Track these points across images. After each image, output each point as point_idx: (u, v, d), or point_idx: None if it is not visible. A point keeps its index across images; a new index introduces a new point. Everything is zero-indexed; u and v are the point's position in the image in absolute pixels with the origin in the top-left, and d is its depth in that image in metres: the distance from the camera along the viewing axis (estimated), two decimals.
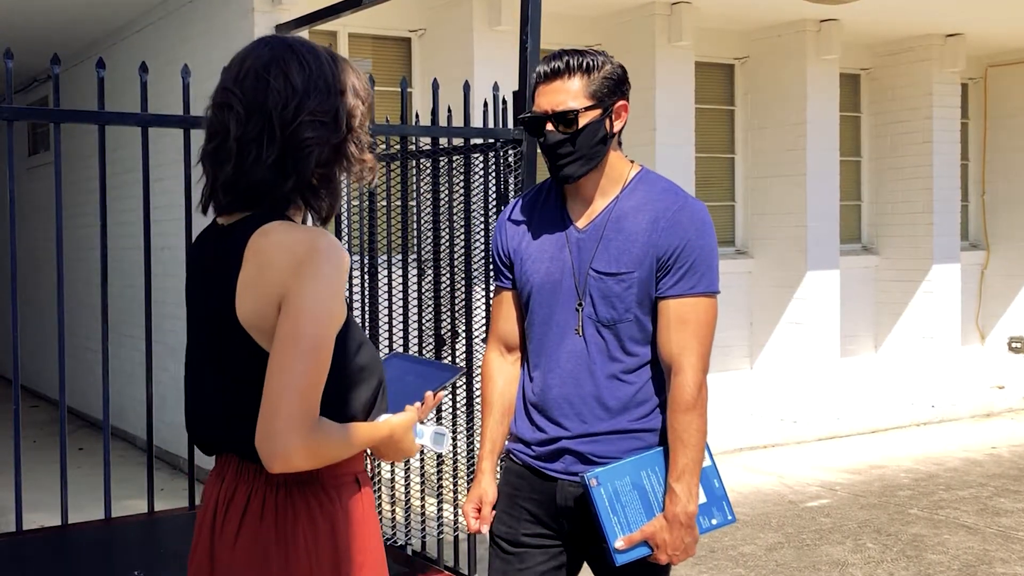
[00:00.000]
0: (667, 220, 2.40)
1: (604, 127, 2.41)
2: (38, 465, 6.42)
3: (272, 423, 1.67)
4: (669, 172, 7.96)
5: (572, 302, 2.45)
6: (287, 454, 1.68)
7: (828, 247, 8.98)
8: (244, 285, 1.76)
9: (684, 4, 8.01)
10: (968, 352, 10.53)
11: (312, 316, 1.70)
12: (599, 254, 2.42)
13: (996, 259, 11.11)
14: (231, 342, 1.78)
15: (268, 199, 1.81)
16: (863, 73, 10.14)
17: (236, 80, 1.84)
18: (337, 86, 1.85)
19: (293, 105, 1.80)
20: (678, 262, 2.38)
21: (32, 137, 11.10)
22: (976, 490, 6.77)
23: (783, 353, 9.09)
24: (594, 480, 2.35)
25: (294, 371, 1.68)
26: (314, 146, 1.81)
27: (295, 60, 1.84)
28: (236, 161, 1.81)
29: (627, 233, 2.41)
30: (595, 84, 2.39)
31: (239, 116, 1.82)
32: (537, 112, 2.43)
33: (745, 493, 6.74)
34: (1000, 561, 5.32)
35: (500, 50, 7.06)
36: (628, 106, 2.47)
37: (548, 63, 2.42)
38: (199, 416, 1.91)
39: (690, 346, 2.37)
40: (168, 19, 7.51)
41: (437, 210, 4.11)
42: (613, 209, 2.45)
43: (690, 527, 2.38)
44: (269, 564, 1.79)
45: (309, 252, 1.72)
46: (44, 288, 9.84)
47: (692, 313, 2.38)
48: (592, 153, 2.41)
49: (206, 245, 1.91)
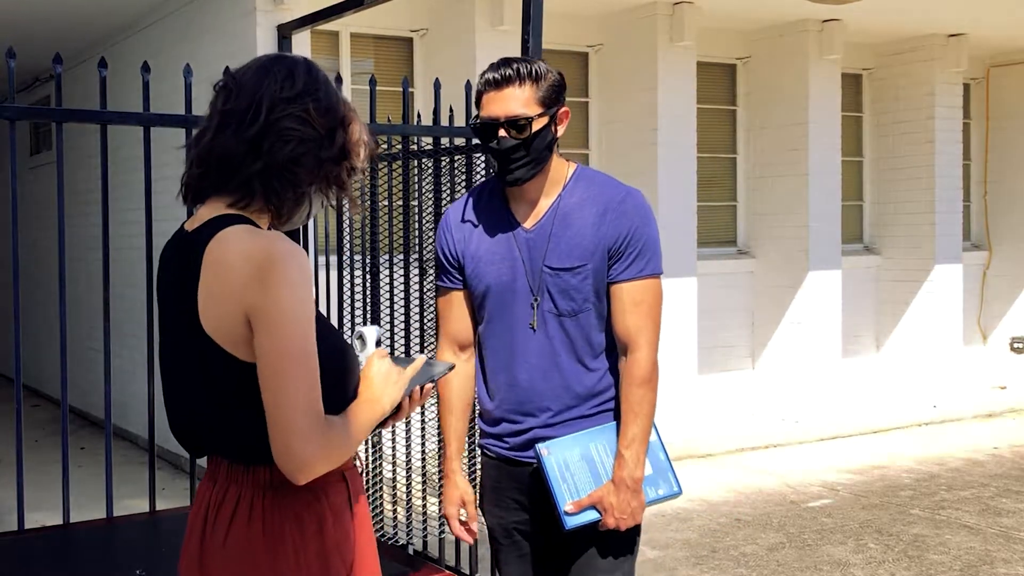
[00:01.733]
0: (614, 211, 2.54)
1: (551, 132, 2.54)
2: (40, 464, 6.43)
3: (286, 440, 1.69)
4: (671, 172, 7.99)
5: (528, 299, 2.57)
6: (308, 466, 1.70)
7: (830, 247, 8.98)
8: (205, 296, 1.75)
9: (686, 4, 8.00)
10: (970, 352, 10.52)
11: (292, 325, 1.70)
12: (551, 251, 2.55)
13: (998, 259, 11.11)
14: (199, 350, 1.78)
15: (235, 177, 1.80)
16: (865, 73, 10.14)
17: (242, 69, 1.88)
18: (341, 114, 1.87)
19: (286, 96, 1.82)
20: (628, 248, 2.53)
21: (34, 136, 11.11)
22: (978, 490, 6.76)
23: (785, 353, 9.09)
24: (545, 450, 2.51)
25: (293, 385, 1.68)
26: (294, 138, 1.81)
27: (306, 71, 1.87)
28: (215, 132, 1.82)
29: (575, 228, 2.55)
30: (543, 91, 2.52)
31: (230, 93, 1.84)
32: (489, 118, 2.52)
33: (747, 493, 6.74)
34: (1002, 561, 5.32)
35: (502, 50, 7.02)
36: (569, 111, 2.61)
37: (497, 70, 2.52)
38: (180, 421, 1.90)
39: (645, 325, 2.53)
40: (170, 19, 7.51)
41: (438, 210, 4.11)
42: (558, 207, 2.58)
43: (636, 492, 2.52)
44: (258, 564, 1.79)
45: (269, 259, 1.71)
46: (46, 287, 9.85)
47: (644, 295, 2.54)
48: (541, 157, 2.53)
49: (171, 253, 1.90)
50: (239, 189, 1.81)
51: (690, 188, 8.15)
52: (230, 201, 1.83)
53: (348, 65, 7.40)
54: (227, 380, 1.76)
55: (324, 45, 7.24)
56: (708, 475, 7.18)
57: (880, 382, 9.84)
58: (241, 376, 1.74)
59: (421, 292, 4.18)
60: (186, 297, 1.78)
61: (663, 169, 7.96)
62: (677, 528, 5.92)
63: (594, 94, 8.45)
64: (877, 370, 10.00)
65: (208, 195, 1.85)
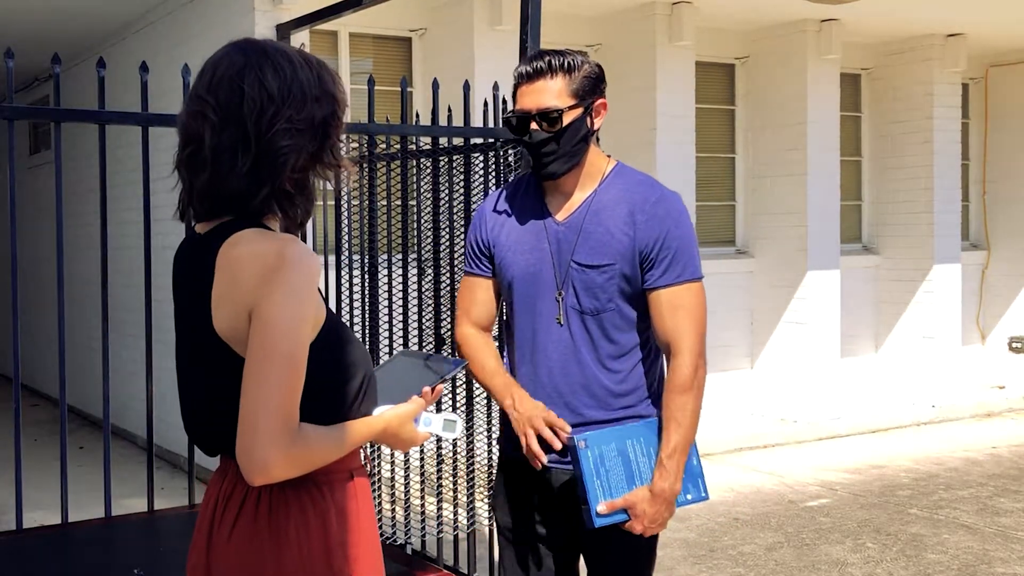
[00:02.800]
0: (645, 213, 2.48)
1: (586, 125, 2.50)
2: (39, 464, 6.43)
3: (250, 438, 1.69)
4: (669, 171, 7.98)
5: (552, 292, 2.53)
6: (266, 468, 1.70)
7: (829, 247, 8.98)
8: (218, 298, 1.76)
9: (685, 4, 8.01)
10: (969, 352, 10.53)
11: (282, 327, 1.70)
12: (579, 246, 2.50)
13: (997, 259, 11.11)
14: (212, 352, 1.79)
15: (243, 207, 1.81)
16: (864, 73, 10.14)
17: (209, 88, 1.82)
18: (313, 92, 1.83)
19: (269, 113, 1.78)
20: (661, 253, 2.47)
21: (33, 136, 11.11)
22: (976, 490, 6.77)
23: (783, 353, 9.09)
24: (583, 442, 2.43)
25: (268, 385, 1.68)
26: (290, 154, 1.80)
27: (270, 66, 1.81)
28: (211, 170, 1.80)
29: (606, 226, 2.50)
30: (576, 83, 2.48)
31: (213, 125, 1.80)
32: (521, 111, 2.49)
33: (745, 493, 6.74)
34: (1000, 561, 5.32)
35: (500, 50, 7.06)
36: (607, 103, 2.56)
37: (530, 63, 2.49)
38: (194, 420, 1.92)
39: (685, 329, 2.48)
40: (169, 18, 7.51)
41: (437, 210, 4.11)
42: (592, 202, 2.53)
43: (670, 503, 2.48)
44: (262, 560, 1.80)
45: (278, 261, 1.71)
46: (45, 287, 9.85)
47: (683, 299, 2.48)
48: (575, 150, 2.49)
49: (185, 255, 1.91)
50: (250, 211, 1.82)
51: (689, 188, 8.16)
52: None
53: (347, 65, 7.40)
54: (235, 380, 1.76)
55: (323, 45, 7.24)
56: (707, 474, 7.18)
57: (879, 382, 9.84)
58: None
59: (420, 292, 4.18)
60: (199, 299, 1.79)
61: (662, 169, 7.96)
62: (675, 527, 5.93)
63: None
64: (876, 370, 10.01)
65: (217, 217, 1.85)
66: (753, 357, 9.35)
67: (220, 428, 1.84)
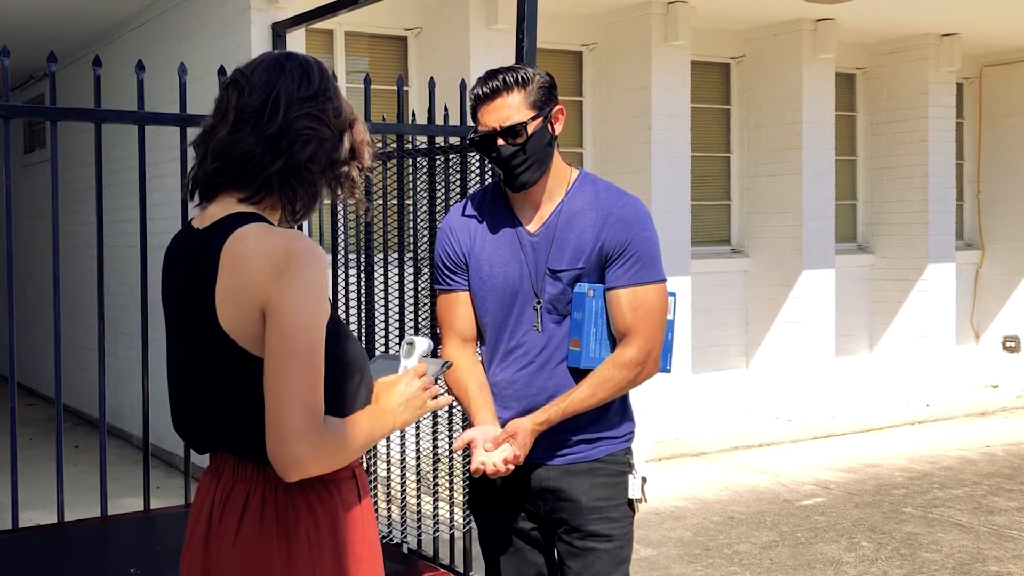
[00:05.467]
0: (614, 217, 2.57)
1: (548, 131, 2.57)
2: (34, 463, 6.43)
3: (281, 435, 1.69)
4: (665, 170, 8.00)
5: (531, 301, 2.61)
6: (300, 462, 1.70)
7: (824, 246, 9.00)
8: (224, 293, 1.75)
9: (680, 3, 8.02)
10: (963, 351, 10.55)
11: (301, 323, 1.70)
12: (553, 255, 2.59)
13: (991, 258, 11.14)
14: (214, 347, 1.78)
15: (253, 174, 1.81)
16: (859, 72, 10.16)
17: (251, 65, 1.87)
18: (347, 117, 1.88)
19: (303, 95, 1.82)
20: (624, 255, 2.56)
21: (28, 135, 11.09)
22: (970, 489, 6.79)
23: (779, 352, 9.11)
24: (591, 291, 2.56)
25: (293, 381, 1.69)
26: (313, 138, 1.81)
27: (318, 70, 1.87)
28: (232, 127, 1.81)
29: (577, 232, 2.58)
30: (533, 95, 2.56)
31: (243, 89, 1.83)
32: (486, 130, 2.56)
33: (740, 491, 6.75)
34: (994, 559, 5.34)
35: (497, 49, 7.06)
36: (563, 108, 2.63)
37: (485, 84, 2.56)
38: (188, 417, 1.91)
39: (638, 329, 2.55)
40: (165, 17, 7.51)
41: (433, 209, 4.12)
42: (561, 211, 2.61)
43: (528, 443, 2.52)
44: (271, 559, 1.80)
45: (287, 257, 1.71)
46: (41, 286, 9.83)
47: (642, 300, 2.56)
48: (543, 156, 2.57)
49: (180, 250, 1.90)
50: (256, 186, 1.82)
51: (684, 187, 8.17)
52: (243, 196, 1.83)
53: (343, 64, 7.40)
54: (241, 377, 1.76)
55: (319, 43, 7.24)
56: (702, 473, 7.20)
57: (873, 381, 9.86)
58: (255, 373, 1.74)
59: (416, 291, 4.18)
60: (200, 295, 1.78)
61: (657, 168, 7.97)
62: (670, 526, 5.94)
63: (588, 93, 8.46)
64: (870, 369, 10.03)
65: (221, 190, 1.85)
66: (748, 356, 9.37)
67: (222, 426, 1.83)
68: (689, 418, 8.04)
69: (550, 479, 2.61)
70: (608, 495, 2.61)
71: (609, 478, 2.62)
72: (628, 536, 2.65)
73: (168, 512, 3.84)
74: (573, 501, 2.59)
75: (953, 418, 9.21)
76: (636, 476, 2.63)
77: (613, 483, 2.62)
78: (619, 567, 2.62)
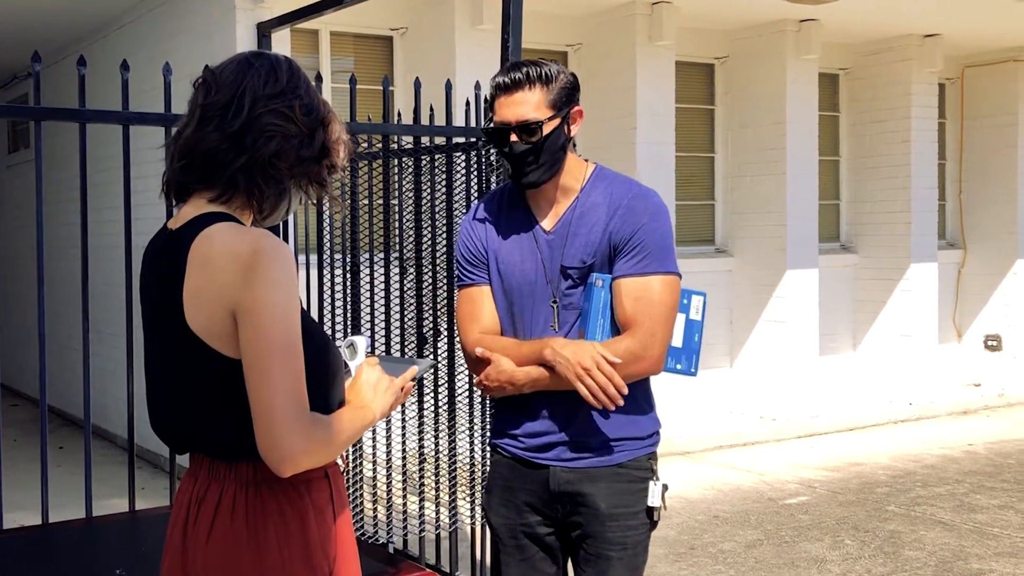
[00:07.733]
0: (623, 208, 2.51)
1: (564, 134, 2.51)
2: (18, 464, 6.40)
3: (271, 432, 1.69)
4: (650, 170, 8.02)
5: (547, 299, 2.56)
6: (293, 456, 1.71)
7: (807, 246, 9.04)
8: (192, 294, 1.75)
9: (665, 4, 8.04)
10: (945, 350, 10.62)
11: (277, 321, 1.71)
12: (568, 252, 2.54)
13: (973, 258, 11.21)
14: (185, 348, 1.78)
15: (218, 172, 1.81)
16: (842, 73, 10.21)
17: (221, 65, 1.88)
18: (322, 114, 1.88)
19: (269, 92, 1.82)
20: (631, 244, 2.48)
21: (12, 135, 11.03)
22: (953, 487, 6.83)
23: (763, 351, 9.15)
24: (600, 281, 2.50)
25: (275, 377, 1.69)
26: (277, 134, 1.81)
27: (287, 68, 1.87)
28: (197, 125, 1.82)
29: (589, 227, 2.53)
30: (554, 94, 2.49)
31: (210, 88, 1.84)
32: (501, 123, 2.50)
33: (725, 490, 6.78)
34: (976, 557, 5.38)
35: (482, 49, 7.07)
36: (582, 111, 2.57)
37: (508, 74, 2.49)
38: (165, 418, 1.91)
39: (637, 320, 2.46)
40: (149, 16, 7.49)
41: (419, 209, 4.12)
42: (575, 208, 2.56)
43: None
44: (241, 561, 1.80)
45: (255, 256, 1.71)
46: (25, 286, 9.79)
47: (645, 291, 2.47)
48: (554, 159, 2.51)
49: (156, 250, 1.90)
50: (222, 184, 1.82)
51: (669, 187, 8.19)
52: (212, 196, 1.83)
53: (328, 63, 7.40)
54: (212, 377, 1.76)
55: (304, 43, 7.23)
56: (686, 473, 7.23)
57: (857, 380, 9.91)
58: (226, 373, 1.75)
59: (402, 291, 4.19)
60: (171, 295, 1.78)
61: (642, 168, 8.00)
62: None
63: None
64: (854, 368, 10.08)
65: (191, 190, 1.85)
66: (732, 356, 9.40)
67: (196, 425, 1.83)
68: (674, 417, 8.06)
69: (569, 483, 2.54)
70: (628, 502, 2.53)
71: (631, 484, 2.54)
72: (644, 544, 2.58)
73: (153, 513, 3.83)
74: (592, 507, 2.52)
75: (936, 417, 9.27)
76: (657, 483, 2.55)
77: (634, 489, 2.54)
78: (633, 575, 2.59)
